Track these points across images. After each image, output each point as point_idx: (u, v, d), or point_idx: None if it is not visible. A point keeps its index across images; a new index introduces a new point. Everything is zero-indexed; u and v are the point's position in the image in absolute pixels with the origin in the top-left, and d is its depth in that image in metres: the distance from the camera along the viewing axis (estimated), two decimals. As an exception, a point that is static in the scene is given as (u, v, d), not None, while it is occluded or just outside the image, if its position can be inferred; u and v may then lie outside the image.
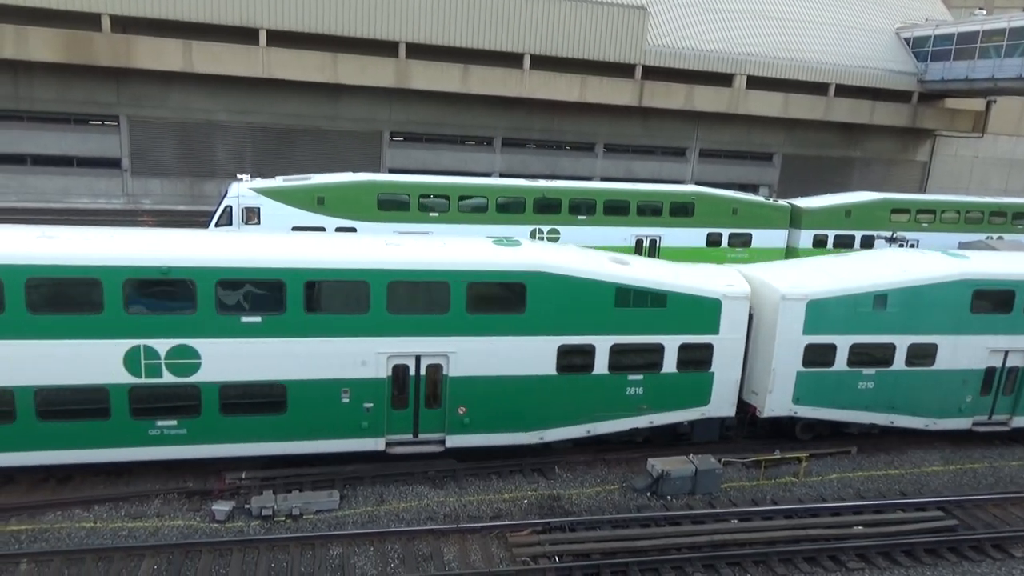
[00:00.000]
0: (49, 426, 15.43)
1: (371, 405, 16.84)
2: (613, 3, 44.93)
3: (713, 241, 35.24)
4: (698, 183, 47.91)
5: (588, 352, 17.77)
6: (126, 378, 15.49)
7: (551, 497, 17.11)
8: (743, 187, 51.64)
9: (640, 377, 18.29)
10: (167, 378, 15.68)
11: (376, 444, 17.22)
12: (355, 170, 38.27)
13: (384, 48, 42.32)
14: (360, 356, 16.45)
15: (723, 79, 49.15)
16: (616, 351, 17.91)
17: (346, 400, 16.68)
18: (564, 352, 17.57)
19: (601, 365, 17.91)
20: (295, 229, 29.22)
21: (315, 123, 44.37)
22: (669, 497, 17.41)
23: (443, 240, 18.31)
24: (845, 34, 53.65)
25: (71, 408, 15.46)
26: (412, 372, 16.97)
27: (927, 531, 16.47)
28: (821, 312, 18.75)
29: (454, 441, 17.65)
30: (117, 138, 41.47)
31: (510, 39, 43.88)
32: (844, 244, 37.66)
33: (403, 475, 17.53)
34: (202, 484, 16.69)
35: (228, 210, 28.99)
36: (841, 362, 19.26)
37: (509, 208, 32.33)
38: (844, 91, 52.02)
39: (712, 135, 52.16)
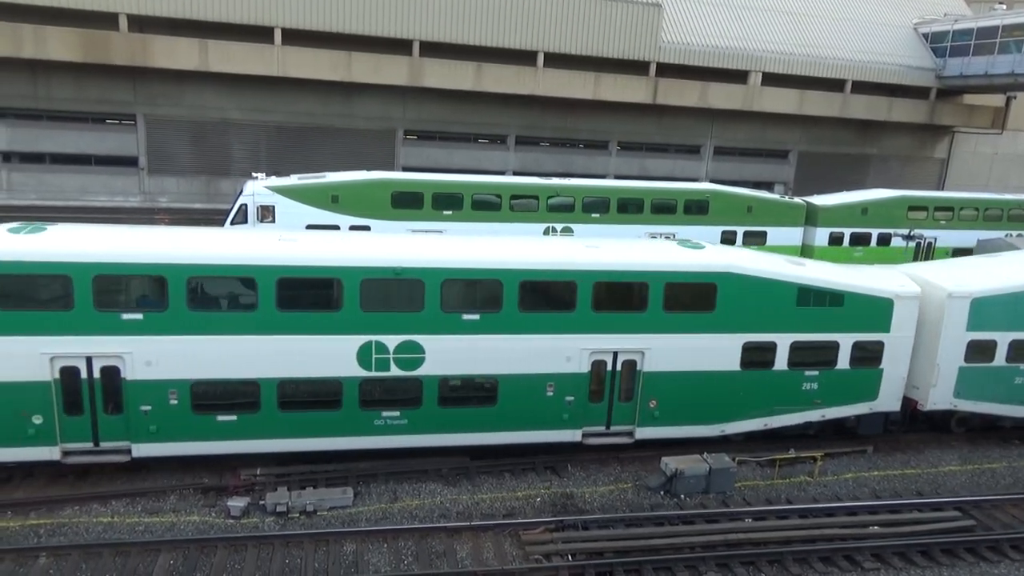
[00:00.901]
0: (288, 416, 16.55)
1: (572, 398, 17.83)
2: (627, 0, 44.75)
3: (727, 239, 35.03)
4: (713, 181, 47.66)
5: (770, 349, 18.67)
6: (358, 371, 16.55)
7: (564, 495, 17.10)
8: (758, 185, 51.29)
9: (816, 373, 19.17)
10: (394, 372, 16.76)
11: (574, 435, 18.25)
12: (369, 168, 38.39)
13: (398, 46, 42.40)
14: (566, 352, 17.45)
15: (738, 76, 48.83)
16: (795, 348, 18.83)
17: (550, 393, 17.67)
18: (748, 349, 18.50)
19: (781, 361, 18.80)
20: (309, 227, 29.35)
21: (329, 121, 44.53)
22: (683, 496, 17.35)
23: (633, 243, 19.34)
24: (862, 30, 53.14)
25: (308, 399, 16.61)
26: (609, 367, 17.87)
27: (944, 531, 16.32)
28: (984, 309, 19.61)
29: (643, 433, 18.63)
30: (134, 136, 41.84)
31: (524, 37, 43.82)
32: (860, 242, 37.33)
33: (416, 473, 17.59)
34: (217, 480, 16.83)
35: (243, 208, 29.19)
36: (1000, 357, 20.14)
37: (522, 206, 32.31)
38: (861, 87, 51.53)
39: (727, 132, 51.85)
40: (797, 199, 37.51)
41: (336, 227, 29.61)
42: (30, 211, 38.52)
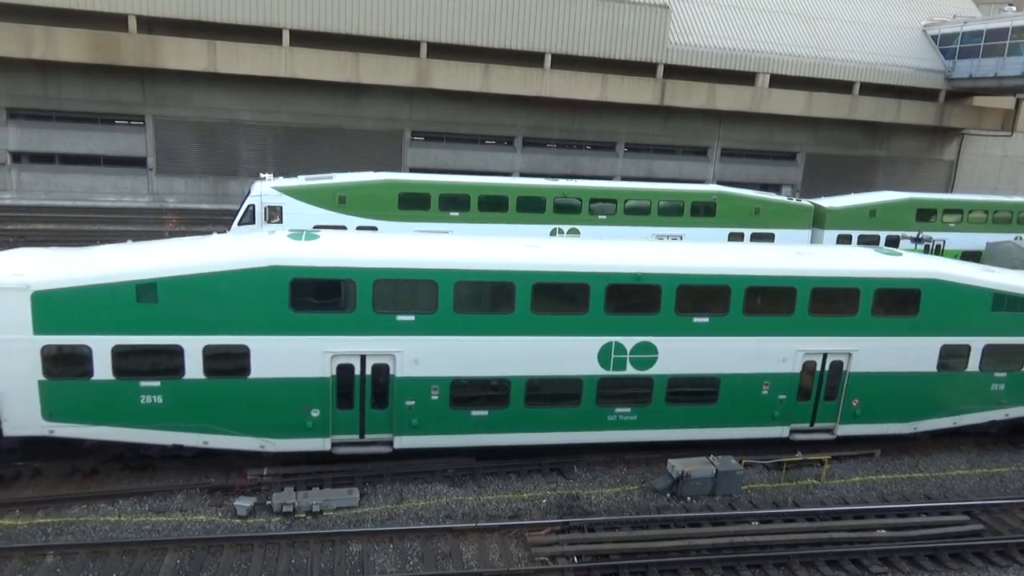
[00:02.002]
0: (532, 411, 17.59)
1: (784, 397, 18.89)
2: (635, 2, 44.73)
3: (735, 240, 34.92)
4: (720, 183, 47.59)
5: (965, 351, 19.58)
6: (597, 370, 17.60)
7: (570, 497, 17.08)
8: (766, 187, 51.23)
9: (1004, 375, 20.04)
10: (629, 371, 17.79)
11: (782, 432, 19.26)
12: (376, 169, 38.48)
13: (405, 48, 42.51)
14: (782, 353, 18.52)
15: (746, 78, 48.76)
16: (988, 350, 19.71)
17: (765, 392, 18.74)
18: (945, 351, 19.41)
19: (973, 363, 19.73)
20: (317, 228, 29.39)
21: (337, 122, 44.67)
22: (689, 498, 17.31)
23: (839, 250, 20.40)
24: (870, 31, 52.99)
25: (551, 395, 17.63)
26: (818, 368, 18.92)
27: (952, 535, 16.23)
28: None
29: (844, 430, 19.60)
30: (143, 137, 42.06)
31: (531, 38, 43.85)
32: (868, 244, 37.16)
33: (422, 473, 17.60)
34: (224, 480, 16.87)
35: (251, 209, 29.29)
36: None
37: (529, 207, 32.30)
38: (869, 89, 51.39)
39: (734, 134, 51.77)
40: (805, 201, 37.39)
41: (343, 228, 29.68)
42: (39, 211, 38.73)
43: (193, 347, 15.61)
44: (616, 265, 17.23)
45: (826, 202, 37.87)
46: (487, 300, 16.76)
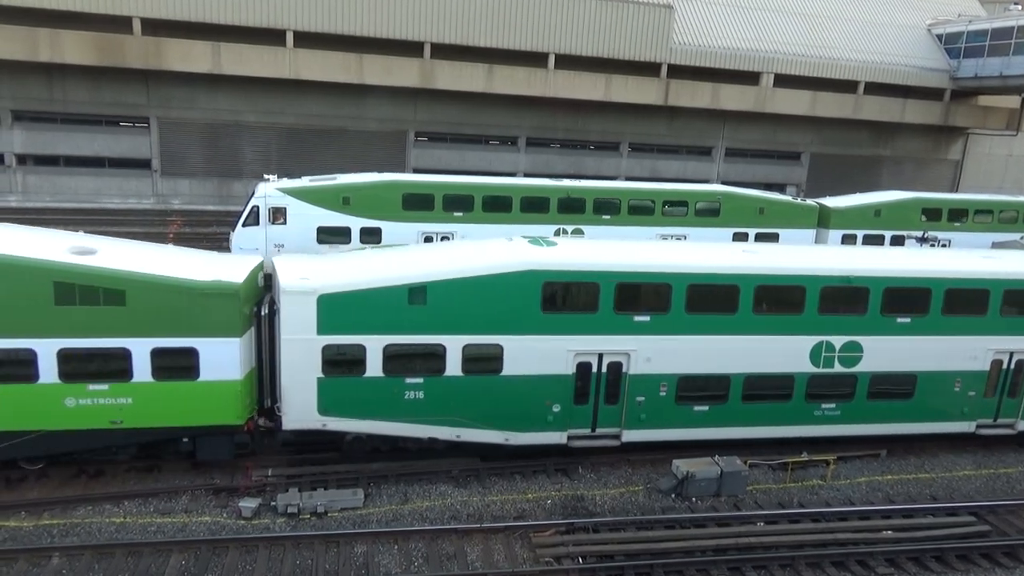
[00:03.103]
0: (748, 407, 18.74)
1: (973, 393, 19.94)
2: (639, 2, 44.68)
3: (739, 240, 34.84)
4: (724, 183, 47.49)
5: None
6: (808, 367, 18.78)
7: (575, 498, 17.07)
8: (770, 186, 51.06)
9: None
10: (836, 368, 18.93)
11: (969, 427, 20.34)
12: (380, 170, 38.47)
13: (409, 48, 42.49)
14: (974, 352, 19.68)
15: (750, 77, 48.64)
16: None
17: (957, 389, 19.79)
18: None
19: None
20: (320, 229, 29.46)
21: (340, 123, 44.68)
22: (694, 499, 17.29)
23: (1017, 254, 21.32)
24: (875, 31, 52.83)
25: (765, 392, 18.74)
26: (1004, 366, 19.96)
27: (958, 536, 16.17)
28: None
29: None
30: (147, 139, 42.12)
31: (535, 39, 43.81)
32: (873, 244, 37.05)
33: (427, 474, 17.61)
34: (229, 481, 16.89)
35: (255, 210, 29.32)
36: None
37: (533, 207, 32.27)
38: (874, 89, 51.21)
39: (739, 134, 51.65)
40: (809, 201, 37.30)
41: (347, 229, 29.71)
42: (44, 214, 38.83)
43: (454, 346, 16.80)
44: (829, 268, 18.34)
45: (831, 202, 37.76)
46: (714, 301, 17.80)
